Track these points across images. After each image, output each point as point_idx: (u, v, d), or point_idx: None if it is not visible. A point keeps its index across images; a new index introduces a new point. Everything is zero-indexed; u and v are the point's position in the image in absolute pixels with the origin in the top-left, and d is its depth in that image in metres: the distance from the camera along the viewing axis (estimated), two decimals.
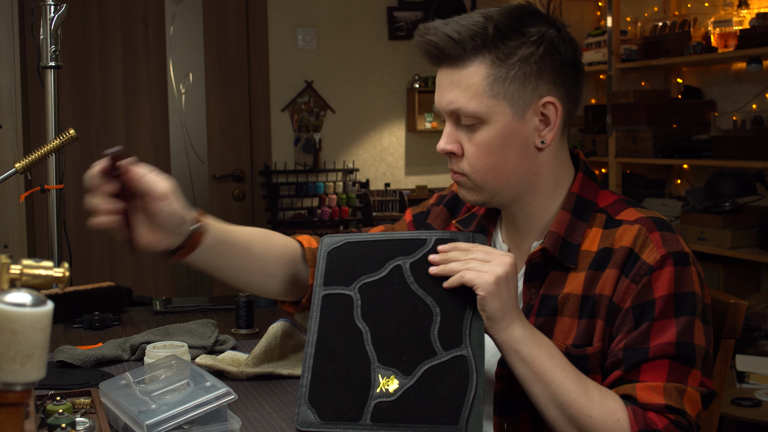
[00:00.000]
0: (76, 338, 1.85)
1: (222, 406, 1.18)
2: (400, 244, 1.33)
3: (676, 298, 1.23)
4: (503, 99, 1.26)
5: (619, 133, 3.90)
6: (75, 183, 4.06)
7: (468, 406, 1.20)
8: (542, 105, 1.28)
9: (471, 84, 1.26)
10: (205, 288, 4.33)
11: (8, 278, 0.84)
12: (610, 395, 1.22)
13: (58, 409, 1.20)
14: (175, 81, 4.22)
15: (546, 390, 1.21)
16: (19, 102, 3.54)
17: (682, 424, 1.21)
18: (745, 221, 3.43)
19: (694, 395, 1.22)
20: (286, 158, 4.34)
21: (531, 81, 1.26)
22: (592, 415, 1.19)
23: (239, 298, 1.89)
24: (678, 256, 1.24)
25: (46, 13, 2.32)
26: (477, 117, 1.27)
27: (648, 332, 1.22)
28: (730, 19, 3.43)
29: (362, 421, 1.22)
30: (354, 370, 1.25)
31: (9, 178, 2.09)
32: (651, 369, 1.22)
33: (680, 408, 1.20)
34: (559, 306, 1.29)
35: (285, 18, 4.34)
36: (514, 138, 1.28)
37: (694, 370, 1.23)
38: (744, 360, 3.01)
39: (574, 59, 1.30)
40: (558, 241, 1.30)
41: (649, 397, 1.21)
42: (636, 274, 1.24)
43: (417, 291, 1.28)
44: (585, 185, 1.35)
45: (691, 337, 1.23)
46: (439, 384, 1.22)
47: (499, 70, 1.25)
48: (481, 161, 1.28)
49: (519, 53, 1.25)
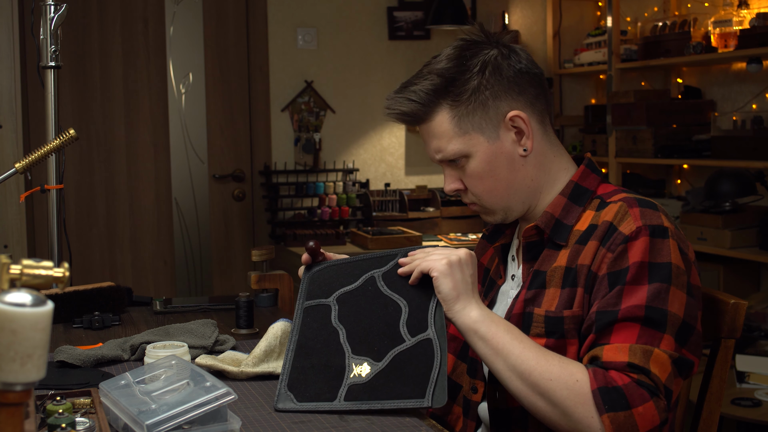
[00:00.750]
0: (76, 338, 1.85)
1: (222, 406, 1.18)
2: (374, 260, 1.49)
3: (650, 266, 1.28)
4: (473, 131, 1.40)
5: (619, 133, 3.91)
6: (75, 183, 4.06)
7: (433, 382, 1.32)
8: (510, 120, 1.40)
9: (443, 131, 1.41)
10: (205, 288, 4.33)
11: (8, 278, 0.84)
12: (571, 361, 1.29)
13: (58, 409, 1.20)
14: (175, 81, 4.22)
15: (506, 363, 1.29)
16: (19, 102, 3.54)
17: (646, 383, 1.23)
18: (745, 221, 3.43)
19: (662, 357, 1.24)
20: (286, 158, 4.34)
21: (489, 105, 1.39)
22: (552, 378, 1.25)
23: (239, 298, 1.89)
24: (655, 228, 1.30)
25: (46, 13, 2.32)
26: (460, 154, 1.41)
27: (619, 295, 1.28)
28: (730, 19, 3.43)
29: (336, 401, 1.34)
30: (330, 361, 1.39)
31: (9, 178, 2.09)
32: (620, 331, 1.27)
33: (644, 367, 1.23)
34: (547, 279, 1.38)
35: (285, 18, 4.34)
36: (498, 158, 1.41)
37: (666, 335, 1.25)
38: (744, 360, 3.01)
39: (520, 68, 1.41)
40: (551, 221, 1.40)
41: (613, 357, 1.25)
42: (612, 243, 1.31)
43: (388, 293, 1.43)
44: (585, 176, 1.44)
45: (664, 303, 1.26)
46: (407, 366, 1.35)
47: (459, 109, 1.40)
48: (480, 188, 1.44)
49: (469, 88, 1.39)
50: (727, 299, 1.42)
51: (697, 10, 3.83)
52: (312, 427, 1.26)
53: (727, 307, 1.42)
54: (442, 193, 4.40)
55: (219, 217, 4.32)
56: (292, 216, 4.23)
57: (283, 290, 2.16)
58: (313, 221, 4.15)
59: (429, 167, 4.64)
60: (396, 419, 1.29)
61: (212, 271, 4.32)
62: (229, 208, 4.33)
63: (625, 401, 1.21)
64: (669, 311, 1.26)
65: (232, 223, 4.33)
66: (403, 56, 4.54)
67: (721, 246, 3.41)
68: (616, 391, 1.22)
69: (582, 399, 1.23)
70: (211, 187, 4.30)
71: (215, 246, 4.31)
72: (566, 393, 1.24)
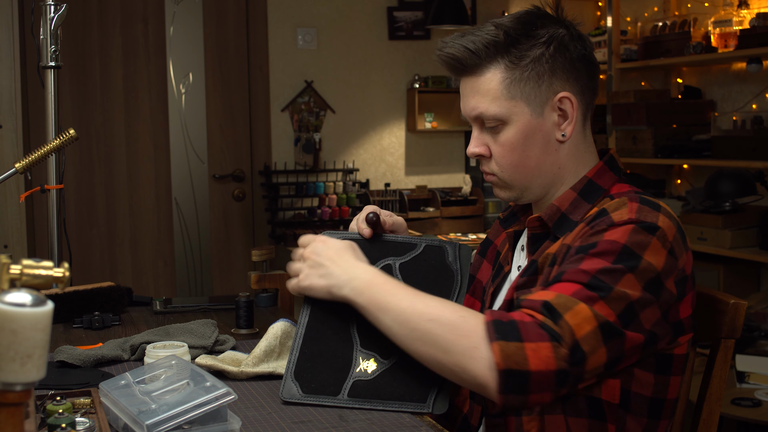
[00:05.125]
0: (76, 338, 1.85)
1: (222, 406, 1.18)
2: (393, 246, 1.46)
3: (623, 249, 1.22)
4: (520, 99, 1.35)
5: (619, 133, 3.91)
6: (75, 183, 4.06)
7: (437, 388, 1.32)
8: (558, 100, 1.36)
9: (489, 89, 1.36)
10: (205, 288, 4.33)
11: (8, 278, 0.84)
12: (455, 304, 1.27)
13: (58, 409, 1.20)
14: (175, 81, 4.22)
15: (390, 319, 1.27)
16: (19, 102, 3.54)
17: (549, 327, 1.17)
18: (745, 221, 3.43)
19: (586, 312, 1.17)
20: (286, 158, 4.34)
21: (545, 79, 1.35)
22: (432, 318, 1.23)
23: (239, 298, 1.89)
24: (646, 225, 1.24)
25: (46, 13, 2.32)
26: (498, 119, 1.36)
27: (579, 261, 1.23)
28: (730, 19, 3.43)
29: (340, 396, 1.35)
30: (338, 351, 1.38)
31: (9, 178, 2.09)
32: (559, 286, 1.22)
33: (558, 312, 1.17)
34: (539, 266, 1.34)
35: (285, 18, 4.34)
36: (535, 134, 1.37)
37: (602, 302, 1.18)
38: (744, 360, 3.01)
39: (584, 54, 1.38)
40: (556, 214, 1.37)
41: (534, 296, 1.21)
42: (596, 224, 1.27)
43: None
44: (602, 173, 1.41)
45: (614, 282, 1.19)
46: (413, 368, 1.32)
47: (514, 72, 1.34)
48: (507, 160, 1.38)
49: (530, 55, 1.34)
50: (727, 299, 1.42)
51: (697, 10, 3.83)
52: (312, 427, 1.26)
53: (727, 307, 1.42)
54: (442, 193, 4.40)
55: (219, 217, 4.32)
56: (292, 216, 4.23)
57: (283, 290, 2.16)
58: (313, 221, 4.15)
59: (429, 167, 4.64)
60: (396, 419, 1.29)
61: (212, 271, 4.32)
62: (229, 208, 4.33)
63: (518, 333, 1.16)
64: (616, 288, 1.19)
65: (232, 223, 4.33)
66: (403, 56, 4.54)
67: (721, 246, 3.41)
68: (510, 324, 1.17)
69: (465, 332, 1.19)
70: (211, 187, 4.30)
71: (215, 246, 4.31)
72: (447, 329, 1.21)
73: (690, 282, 1.30)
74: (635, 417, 1.29)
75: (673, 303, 1.26)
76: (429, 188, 4.50)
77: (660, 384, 1.30)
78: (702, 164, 3.74)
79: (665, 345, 1.28)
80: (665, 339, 1.27)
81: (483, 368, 1.17)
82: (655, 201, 1.31)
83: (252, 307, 1.89)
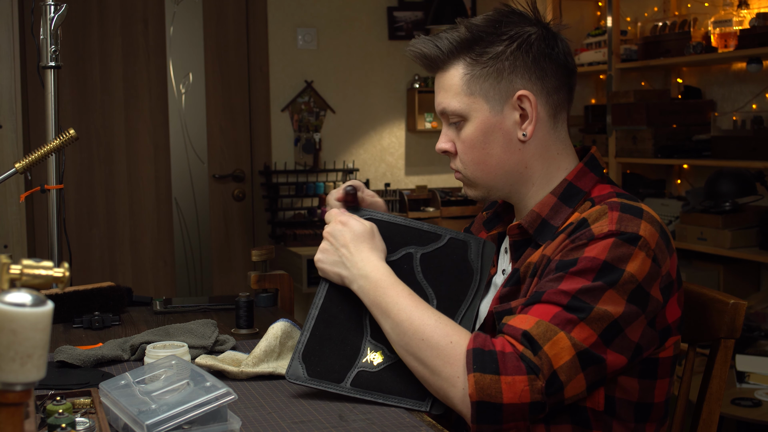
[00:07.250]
0: (76, 338, 1.85)
1: (222, 406, 1.18)
2: (417, 234, 1.43)
3: (603, 266, 1.21)
4: (479, 95, 1.35)
5: (619, 133, 3.91)
6: (75, 183, 4.06)
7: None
8: (518, 98, 1.35)
9: (452, 84, 1.37)
10: (205, 288, 4.33)
11: (8, 278, 0.84)
12: (453, 323, 1.27)
13: (58, 409, 1.20)
14: (175, 81, 4.22)
15: (389, 325, 1.31)
16: (19, 102, 3.54)
17: (528, 359, 1.18)
18: (745, 221, 3.42)
19: (564, 343, 1.18)
20: (286, 158, 4.34)
21: (504, 76, 1.34)
22: (424, 338, 1.26)
23: (239, 298, 1.89)
24: (627, 236, 1.23)
25: (46, 13, 2.32)
26: (458, 114, 1.37)
27: (558, 280, 1.22)
28: (730, 19, 3.43)
29: (343, 384, 1.35)
30: (348, 338, 1.38)
31: (9, 178, 2.09)
32: (539, 307, 1.22)
33: (537, 343, 1.18)
34: (521, 276, 1.34)
35: (285, 18, 4.34)
36: (494, 132, 1.36)
37: (583, 323, 1.19)
38: (744, 360, 3.01)
39: (551, 54, 1.35)
40: (536, 220, 1.36)
41: (515, 323, 1.22)
42: (577, 238, 1.26)
43: (421, 281, 1.40)
44: (581, 175, 1.38)
45: (595, 300, 1.19)
46: None
47: (474, 68, 1.35)
48: (468, 156, 1.38)
49: (491, 51, 1.34)
50: (727, 299, 1.42)
51: (697, 10, 3.83)
52: (312, 427, 1.26)
53: (727, 307, 1.42)
54: (442, 193, 4.40)
55: (219, 217, 4.32)
56: (292, 216, 4.23)
57: (283, 290, 2.16)
58: (313, 221, 4.15)
59: (429, 167, 4.64)
60: (396, 419, 1.29)
61: (212, 271, 4.32)
62: (229, 208, 4.33)
63: (496, 366, 1.18)
64: (597, 307, 1.19)
65: (232, 223, 4.33)
66: (403, 56, 4.51)
67: (721, 246, 3.41)
68: (490, 355, 1.19)
69: (452, 359, 1.22)
70: (211, 187, 4.30)
71: (215, 246, 4.31)
72: (435, 353, 1.24)
73: (675, 284, 1.29)
74: (621, 422, 1.28)
75: (660, 310, 1.26)
76: (429, 188, 4.50)
77: (645, 389, 1.29)
78: (702, 164, 3.73)
79: (651, 351, 1.27)
80: (652, 348, 1.26)
81: (460, 397, 1.21)
82: (636, 205, 1.29)
83: (252, 307, 1.89)
